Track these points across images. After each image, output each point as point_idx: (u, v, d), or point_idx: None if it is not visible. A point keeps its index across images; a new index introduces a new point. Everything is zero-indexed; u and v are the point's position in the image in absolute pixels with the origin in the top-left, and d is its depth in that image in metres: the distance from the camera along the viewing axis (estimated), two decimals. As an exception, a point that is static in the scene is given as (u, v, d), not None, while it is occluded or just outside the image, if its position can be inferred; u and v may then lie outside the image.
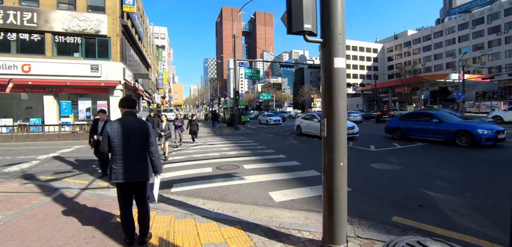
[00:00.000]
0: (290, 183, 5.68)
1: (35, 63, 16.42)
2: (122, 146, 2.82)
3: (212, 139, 15.29)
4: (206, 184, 5.70)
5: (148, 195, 3.07)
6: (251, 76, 25.43)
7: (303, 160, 8.20)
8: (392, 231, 3.41)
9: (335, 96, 2.63)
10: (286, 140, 14.45)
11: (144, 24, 35.11)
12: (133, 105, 3.07)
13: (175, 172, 6.89)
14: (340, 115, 2.63)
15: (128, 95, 3.13)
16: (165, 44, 72.22)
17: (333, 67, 2.63)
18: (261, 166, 7.48)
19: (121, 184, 2.88)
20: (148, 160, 2.97)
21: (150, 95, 36.33)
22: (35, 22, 16.46)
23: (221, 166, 7.51)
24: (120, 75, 17.91)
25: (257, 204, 4.49)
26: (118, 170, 2.82)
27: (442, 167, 6.87)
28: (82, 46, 17.47)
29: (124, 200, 2.95)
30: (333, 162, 2.64)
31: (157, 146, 3.16)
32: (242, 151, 10.44)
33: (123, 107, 3.03)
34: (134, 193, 3.01)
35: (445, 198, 4.61)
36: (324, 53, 2.70)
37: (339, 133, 2.63)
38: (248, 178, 6.13)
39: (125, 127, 2.87)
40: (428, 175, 6.18)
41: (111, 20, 17.73)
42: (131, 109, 3.02)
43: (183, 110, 77.01)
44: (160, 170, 3.12)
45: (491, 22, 62.42)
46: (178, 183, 5.84)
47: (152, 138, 2.99)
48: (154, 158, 3.00)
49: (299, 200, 4.61)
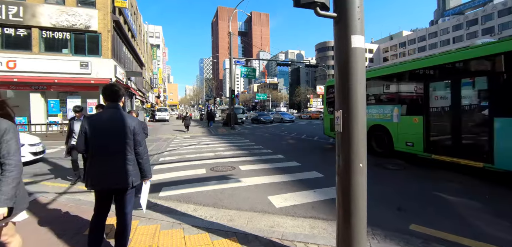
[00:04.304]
0: (291, 185, 5.19)
1: (21, 60, 15.64)
2: (99, 145, 2.30)
3: (207, 139, 14.74)
4: (199, 187, 5.18)
5: (132, 205, 2.53)
6: (247, 75, 24.92)
7: (303, 160, 7.73)
8: (412, 242, 2.95)
9: (352, 83, 2.14)
10: (283, 139, 13.99)
11: (137, 22, 34.31)
12: (117, 97, 2.47)
13: (165, 174, 6.35)
14: (358, 106, 2.15)
15: (110, 84, 2.55)
16: (160, 43, 71.20)
17: (350, 47, 2.15)
18: (259, 167, 6.98)
19: (98, 190, 2.37)
20: (135, 163, 2.43)
21: (144, 94, 35.53)
22: (21, 17, 15.69)
23: (216, 167, 6.99)
24: (111, 73, 17.24)
25: (255, 211, 3.99)
26: (94, 173, 2.29)
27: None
28: (71, 42, 16.75)
29: (98, 208, 2.43)
30: (350, 164, 2.16)
31: (146, 146, 2.62)
32: (238, 151, 9.93)
33: (105, 98, 2.48)
34: (114, 201, 2.49)
35: (460, 202, 4.18)
36: (339, 30, 2.21)
37: (358, 127, 2.15)
38: (245, 180, 5.62)
39: (106, 122, 2.34)
40: (437, 176, 5.76)
41: (102, 15, 17.04)
42: (114, 101, 2.45)
43: (178, 110, 76.37)
44: (150, 175, 2.58)
45: (485, 23, 63.07)
46: (168, 186, 5.31)
47: (139, 136, 2.44)
48: (142, 160, 2.45)
49: (303, 206, 4.12)
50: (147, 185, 2.63)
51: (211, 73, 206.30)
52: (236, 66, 25.16)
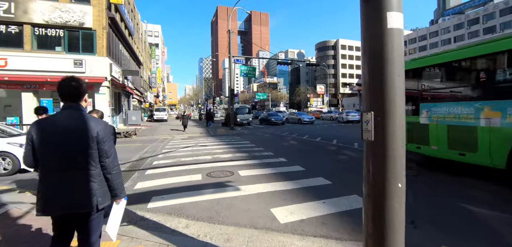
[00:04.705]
0: (296, 195, 4.65)
1: (13, 58, 15.03)
2: (52, 157, 1.75)
3: (205, 140, 14.19)
4: (193, 197, 4.63)
5: (99, 232, 1.98)
6: (247, 74, 24.37)
7: (307, 164, 7.19)
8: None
9: (388, 75, 1.61)
10: (285, 140, 13.45)
11: (135, 20, 33.72)
12: (76, 95, 1.88)
13: (156, 180, 5.80)
14: (396, 106, 1.61)
15: (68, 77, 1.88)
16: (159, 42, 70.57)
17: (385, 28, 1.61)
18: (260, 172, 6.44)
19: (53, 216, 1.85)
20: (101, 179, 1.86)
21: (142, 94, 34.96)
22: (13, 13, 15.07)
23: (213, 172, 6.45)
24: (106, 71, 16.66)
25: (256, 227, 3.44)
26: (45, 195, 1.74)
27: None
28: (64, 40, 16.16)
29: (57, 235, 1.89)
30: (385, 184, 1.62)
31: (117, 156, 2.06)
32: (238, 153, 9.39)
33: (61, 97, 1.92)
34: (75, 228, 1.94)
35: (494, 216, 3.64)
36: (369, 8, 1.67)
37: (395, 134, 1.61)
38: (245, 188, 5.08)
39: (59, 127, 1.78)
40: (458, 183, 5.22)
41: (97, 11, 16.46)
42: (73, 101, 1.88)
43: (177, 110, 75.99)
44: (122, 193, 1.99)
45: (486, 22, 62.60)
46: (158, 195, 4.76)
47: (106, 144, 1.87)
48: (110, 175, 1.89)
49: (311, 221, 3.58)
50: (120, 206, 2.06)
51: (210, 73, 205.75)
52: (235, 65, 24.60)
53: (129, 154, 9.47)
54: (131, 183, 5.70)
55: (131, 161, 8.25)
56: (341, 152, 9.49)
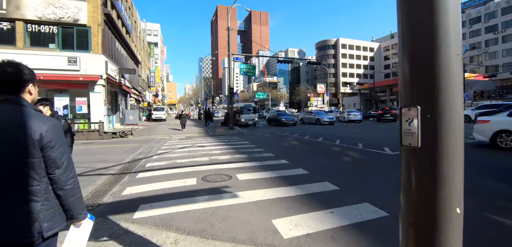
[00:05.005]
0: (300, 203, 4.17)
1: (4, 55, 14.45)
2: None
3: (203, 140, 13.71)
4: (186, 205, 4.16)
5: None
6: (247, 72, 23.88)
7: (311, 166, 6.72)
8: None
9: (440, 53, 1.13)
10: (285, 140, 12.98)
11: (133, 17, 33.21)
12: (13, 84, 1.40)
13: (147, 185, 5.32)
14: (454, 97, 1.13)
15: (2, 62, 1.41)
16: (158, 41, 69.99)
17: None
18: (259, 175, 5.96)
19: None
20: (49, 197, 1.38)
21: (140, 93, 34.47)
22: (4, 9, 14.60)
23: (209, 175, 5.97)
24: (101, 69, 16.18)
25: (256, 244, 2.97)
26: None
27: None
28: (58, 36, 15.69)
29: None
30: (436, 208, 1.15)
31: (73, 165, 1.59)
32: (236, 154, 8.91)
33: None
34: None
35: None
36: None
37: (452, 138, 1.14)
38: (243, 194, 4.60)
39: None
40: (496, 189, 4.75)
41: (92, 7, 15.98)
42: (10, 93, 1.40)
43: (177, 109, 75.71)
44: (81, 213, 1.51)
45: (488, 21, 62.05)
46: (148, 202, 4.29)
47: (54, 151, 1.39)
48: (62, 190, 1.41)
49: (319, 235, 3.11)
50: (81, 230, 1.57)
51: (210, 73, 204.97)
52: (235, 64, 24.11)
53: (122, 155, 9.00)
54: (119, 188, 5.22)
55: (123, 163, 7.78)
56: (346, 153, 9.02)
